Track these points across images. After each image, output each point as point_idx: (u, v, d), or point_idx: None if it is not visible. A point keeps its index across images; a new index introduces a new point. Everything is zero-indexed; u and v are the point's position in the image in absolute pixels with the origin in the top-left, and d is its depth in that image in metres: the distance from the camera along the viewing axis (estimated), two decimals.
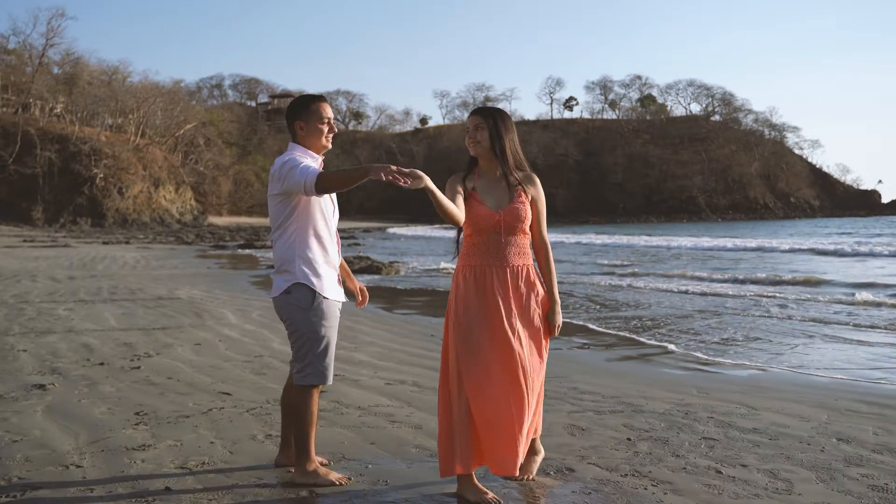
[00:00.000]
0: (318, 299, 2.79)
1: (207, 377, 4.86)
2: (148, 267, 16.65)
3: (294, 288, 2.79)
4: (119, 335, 6.63)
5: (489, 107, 2.88)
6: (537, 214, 2.82)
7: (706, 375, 5.09)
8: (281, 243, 2.83)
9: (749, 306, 9.25)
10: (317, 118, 2.86)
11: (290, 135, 2.94)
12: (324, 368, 2.82)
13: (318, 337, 2.79)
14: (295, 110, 2.88)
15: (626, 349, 6.22)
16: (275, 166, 2.79)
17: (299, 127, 2.88)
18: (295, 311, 2.79)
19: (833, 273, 14.05)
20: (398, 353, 5.92)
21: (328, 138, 2.93)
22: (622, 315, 8.55)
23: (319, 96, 2.93)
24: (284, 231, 2.81)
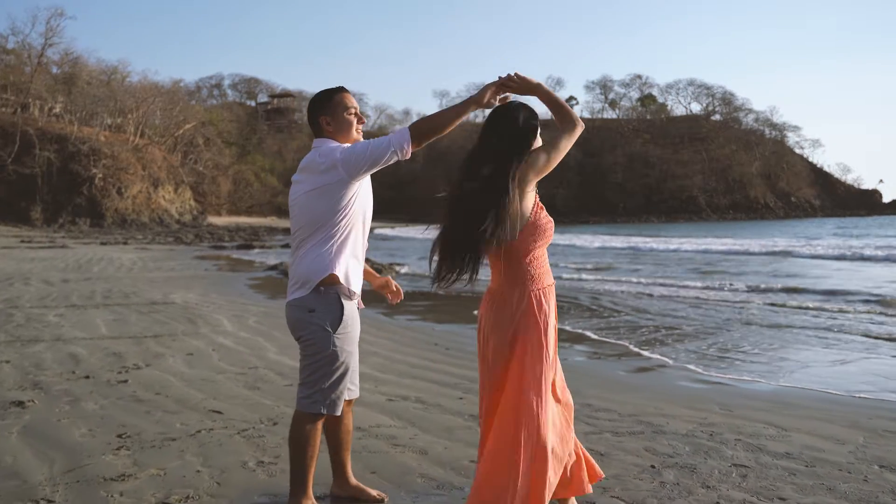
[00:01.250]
0: (346, 320, 2.50)
1: (198, 392, 4.57)
2: (144, 269, 16.36)
3: (322, 304, 2.47)
4: (108, 344, 6.35)
5: (505, 105, 2.55)
6: None
7: (726, 390, 4.81)
8: (315, 251, 2.48)
9: (761, 315, 8.97)
10: (342, 109, 2.60)
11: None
12: (336, 397, 2.53)
13: (339, 363, 2.50)
14: (317, 106, 2.61)
15: (637, 360, 5.93)
16: (315, 157, 2.47)
17: (325, 123, 2.59)
18: (318, 332, 2.47)
19: (850, 280, 13.76)
20: (400, 364, 5.64)
21: (358, 129, 2.65)
22: (625, 322, 8.27)
23: (339, 87, 2.65)
24: (324, 235, 2.47)
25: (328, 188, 2.46)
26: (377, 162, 2.42)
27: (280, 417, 3.96)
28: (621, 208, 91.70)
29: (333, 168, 2.44)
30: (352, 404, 2.75)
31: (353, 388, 2.67)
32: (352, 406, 2.76)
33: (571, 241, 32.01)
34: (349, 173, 2.44)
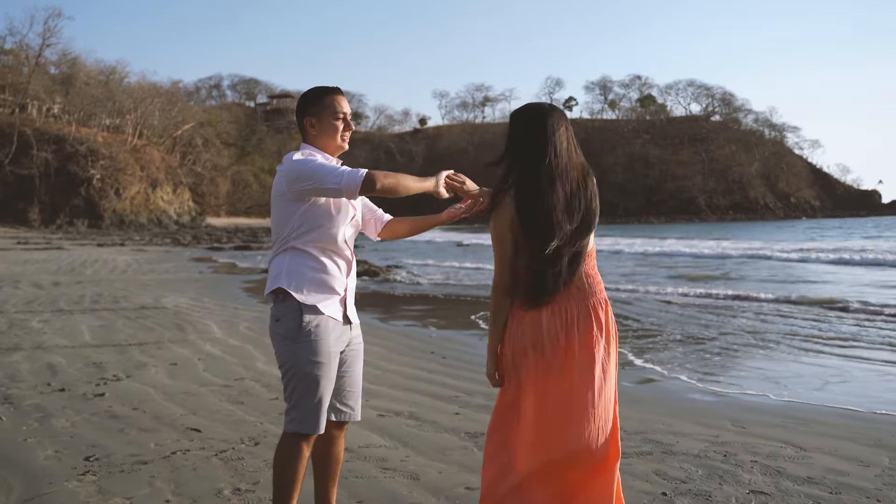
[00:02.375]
0: (307, 328, 2.27)
1: (178, 407, 4.31)
2: (138, 271, 16.11)
3: (281, 311, 2.30)
4: (90, 353, 6.08)
5: (524, 105, 2.30)
6: None
7: (736, 403, 4.55)
8: (277, 259, 2.35)
9: (754, 321, 8.71)
10: (330, 113, 2.39)
11: (299, 135, 2.51)
12: (311, 414, 2.29)
13: (308, 376, 2.26)
14: (305, 105, 2.42)
15: (638, 370, 5.67)
16: (288, 165, 2.30)
17: (310, 125, 2.40)
18: (282, 343, 2.29)
19: (857, 286, 13.51)
20: (393, 374, 5.38)
21: (344, 137, 2.44)
22: (620, 327, 8.02)
23: (333, 88, 2.44)
24: (288, 239, 2.32)
25: (278, 199, 2.34)
26: (321, 190, 2.25)
27: (262, 436, 3.70)
28: (621, 209, 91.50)
29: (280, 179, 2.32)
30: (344, 429, 2.49)
31: (345, 410, 2.44)
32: (344, 431, 2.50)
33: None
34: (290, 189, 2.29)
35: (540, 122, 2.16)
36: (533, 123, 2.17)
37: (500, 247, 2.15)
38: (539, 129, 2.15)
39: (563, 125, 2.19)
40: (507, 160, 2.19)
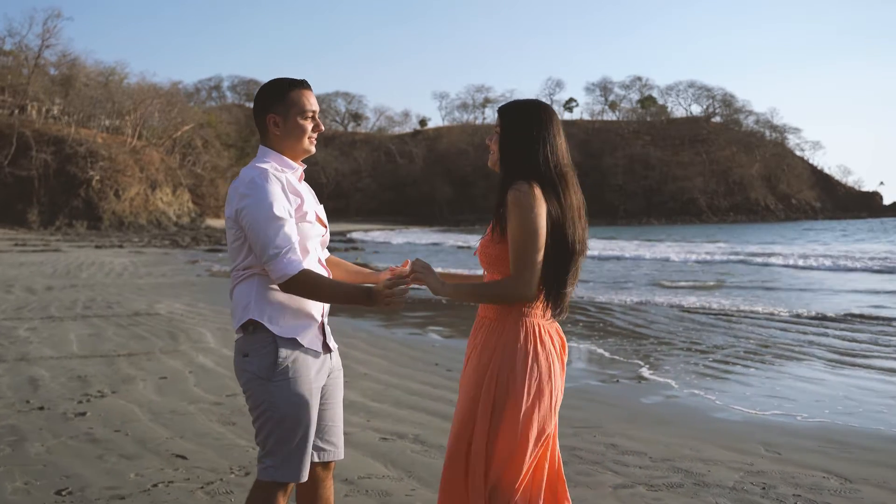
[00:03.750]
0: (284, 363, 1.95)
1: (163, 429, 3.99)
2: (134, 275, 15.80)
3: (251, 345, 1.97)
4: (76, 365, 5.77)
5: (515, 101, 2.05)
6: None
7: (766, 425, 4.22)
8: (241, 285, 2.02)
9: (781, 333, 8.39)
10: (298, 111, 2.06)
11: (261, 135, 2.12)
12: (293, 460, 1.97)
13: (287, 418, 1.94)
14: (268, 100, 2.08)
15: (658, 386, 5.35)
16: (242, 190, 1.97)
17: (273, 123, 2.06)
18: (253, 382, 1.96)
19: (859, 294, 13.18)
20: (396, 390, 5.06)
21: (312, 139, 2.11)
22: (632, 337, 7.70)
23: (300, 81, 2.10)
24: (253, 264, 2.00)
25: (231, 226, 2.03)
26: (251, 245, 1.97)
27: (253, 464, 3.38)
28: (621, 210, 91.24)
29: (235, 213, 1.99)
30: (331, 468, 2.18)
31: (328, 448, 2.13)
32: (331, 471, 2.19)
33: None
34: (237, 224, 2.00)
35: (549, 116, 2.02)
36: (541, 118, 2.01)
37: (533, 241, 1.89)
38: (550, 124, 2.01)
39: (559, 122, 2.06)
40: (511, 159, 2.00)
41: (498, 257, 1.95)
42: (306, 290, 1.95)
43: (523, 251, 1.88)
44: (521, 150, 1.97)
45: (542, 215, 1.90)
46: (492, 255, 1.97)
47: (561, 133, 2.01)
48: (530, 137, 1.96)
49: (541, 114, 1.99)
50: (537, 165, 1.95)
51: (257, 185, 1.95)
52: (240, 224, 1.98)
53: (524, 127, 1.97)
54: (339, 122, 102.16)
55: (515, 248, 1.89)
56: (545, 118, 1.99)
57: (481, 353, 1.96)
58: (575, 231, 1.97)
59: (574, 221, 1.97)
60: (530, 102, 2.02)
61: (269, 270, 1.94)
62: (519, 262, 1.88)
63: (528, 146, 1.96)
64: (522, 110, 2.00)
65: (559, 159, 1.98)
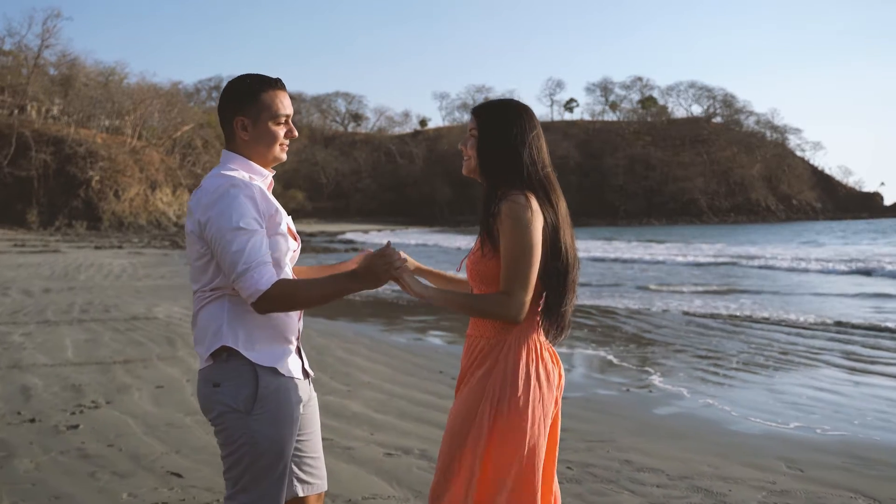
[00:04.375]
0: (264, 395, 1.77)
1: (159, 443, 3.83)
2: (133, 277, 15.65)
3: (223, 374, 1.77)
4: (71, 373, 5.61)
5: (490, 101, 1.89)
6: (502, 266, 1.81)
7: (785, 439, 4.06)
8: (209, 307, 1.81)
9: (783, 339, 8.23)
10: (269, 115, 1.86)
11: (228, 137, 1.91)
12: (277, 497, 1.81)
13: (265, 456, 1.76)
14: (236, 101, 1.87)
15: (670, 396, 5.19)
16: (206, 200, 1.77)
17: (240, 127, 1.86)
18: (227, 415, 1.76)
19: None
20: (400, 400, 4.90)
21: (284, 146, 1.92)
22: (639, 343, 7.55)
23: (274, 80, 1.90)
24: (223, 284, 1.79)
25: (194, 241, 1.82)
26: (217, 261, 1.77)
27: None
28: (622, 211, 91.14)
29: (198, 227, 1.79)
30: (321, 499, 2.02)
31: (313, 481, 1.96)
32: (322, 499, 2.02)
33: None
34: (202, 240, 1.79)
35: (528, 115, 1.87)
36: (521, 118, 1.86)
37: (530, 257, 1.75)
38: (531, 124, 1.86)
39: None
40: (493, 164, 1.84)
41: (490, 274, 1.80)
42: (284, 302, 1.73)
43: (518, 268, 1.74)
44: (503, 154, 1.81)
45: (539, 229, 1.77)
46: (483, 272, 1.81)
47: (542, 133, 1.87)
48: (512, 139, 1.81)
49: (521, 113, 1.84)
50: (523, 170, 1.80)
51: (223, 194, 1.74)
52: (204, 239, 1.77)
53: (504, 128, 1.82)
54: (339, 123, 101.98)
55: (510, 264, 1.74)
56: (525, 117, 1.84)
57: (480, 376, 1.80)
58: (570, 241, 1.85)
59: (567, 230, 1.85)
60: (507, 102, 1.88)
61: (238, 289, 1.73)
62: (513, 279, 1.74)
63: (511, 149, 1.81)
64: (500, 110, 1.85)
65: (544, 161, 1.85)
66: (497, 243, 1.77)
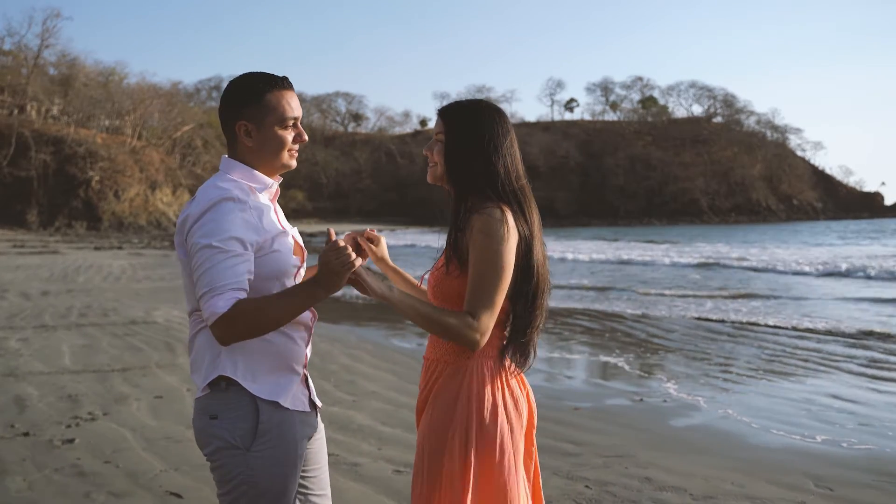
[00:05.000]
0: (266, 430, 1.60)
1: (158, 459, 3.68)
2: (133, 278, 15.51)
3: (221, 406, 1.60)
4: (67, 382, 5.45)
5: (459, 102, 1.73)
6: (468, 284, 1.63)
7: (809, 453, 3.90)
8: (206, 333, 1.63)
9: (811, 346, 8.07)
10: (276, 119, 1.67)
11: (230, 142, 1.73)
12: None
13: (270, 494, 1.60)
14: (239, 103, 1.68)
15: (686, 407, 5.03)
16: (191, 215, 1.59)
17: (244, 132, 1.68)
18: (224, 451, 1.59)
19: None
20: (406, 411, 4.74)
21: (293, 153, 1.74)
22: (654, 350, 7.39)
23: (279, 79, 1.70)
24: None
25: (185, 258, 1.65)
26: (195, 282, 1.57)
27: None
28: (623, 211, 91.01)
29: (185, 243, 1.61)
30: None
31: None
32: None
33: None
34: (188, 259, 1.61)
35: (501, 118, 1.70)
36: (494, 121, 1.69)
37: (500, 279, 1.58)
38: (504, 129, 1.70)
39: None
40: (462, 171, 1.67)
41: (454, 294, 1.62)
42: (247, 323, 1.50)
43: (487, 289, 1.57)
44: (473, 161, 1.65)
45: (514, 247, 1.60)
46: (447, 290, 1.65)
47: (515, 139, 1.71)
48: (484, 145, 1.65)
49: (493, 115, 1.68)
50: (496, 179, 1.64)
51: (212, 207, 1.56)
52: (188, 252, 1.61)
53: (475, 132, 1.65)
54: (339, 123, 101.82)
55: (478, 284, 1.57)
56: (499, 120, 1.68)
57: (443, 407, 1.63)
58: (542, 259, 1.68)
59: (539, 248, 1.69)
60: (478, 102, 1.71)
61: (203, 314, 1.54)
62: (480, 301, 1.56)
63: (482, 155, 1.64)
64: (471, 112, 1.68)
65: (518, 170, 1.69)
66: (465, 260, 1.61)
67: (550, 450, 3.83)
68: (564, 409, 4.75)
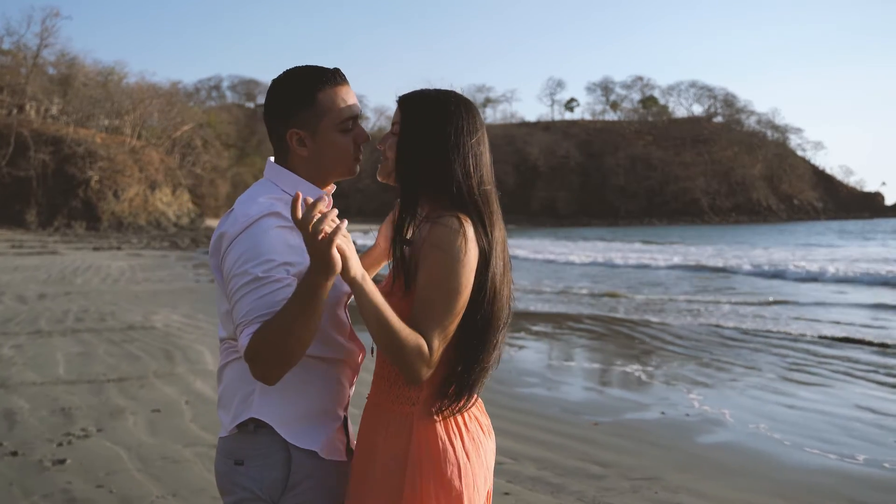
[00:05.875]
0: (298, 477, 1.38)
1: (153, 482, 3.43)
2: (132, 280, 15.27)
3: (249, 450, 1.38)
4: (60, 393, 5.21)
5: (421, 91, 1.46)
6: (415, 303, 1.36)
7: (850, 475, 3.66)
8: (239, 367, 1.40)
9: (833, 353, 7.84)
10: (332, 120, 1.43)
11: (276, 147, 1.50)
12: None
13: None
14: (285, 108, 1.43)
15: (706, 421, 4.79)
16: (227, 233, 1.37)
17: (296, 141, 1.44)
18: (249, 502, 1.37)
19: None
20: None
21: (358, 159, 1.50)
22: (669, 357, 7.16)
23: (331, 73, 1.46)
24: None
25: (220, 279, 1.41)
26: (231, 312, 1.34)
27: None
28: (623, 211, 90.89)
29: (221, 265, 1.38)
30: None
31: None
32: None
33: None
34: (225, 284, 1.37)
35: (470, 114, 1.44)
36: (460, 116, 1.42)
37: (453, 303, 1.32)
38: (472, 125, 1.43)
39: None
40: (416, 172, 1.40)
41: (401, 317, 1.32)
42: (272, 349, 1.25)
43: (438, 315, 1.31)
44: (429, 161, 1.37)
45: (472, 267, 1.33)
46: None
47: (486, 138, 1.43)
48: (443, 142, 1.38)
49: (460, 109, 1.41)
50: (455, 183, 1.37)
51: (253, 224, 1.34)
52: (223, 275, 1.39)
53: (435, 126, 1.39)
54: None
55: (427, 307, 1.31)
56: (465, 115, 1.41)
57: (389, 466, 1.37)
58: (504, 283, 1.39)
59: (500, 265, 1.39)
60: (445, 94, 1.44)
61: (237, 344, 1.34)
62: (429, 329, 1.29)
63: (440, 154, 1.38)
64: (434, 103, 1.42)
65: (484, 175, 1.40)
66: (412, 277, 1.35)
67: (574, 472, 3.59)
68: (583, 424, 4.51)
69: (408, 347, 1.28)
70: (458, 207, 1.37)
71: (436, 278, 1.31)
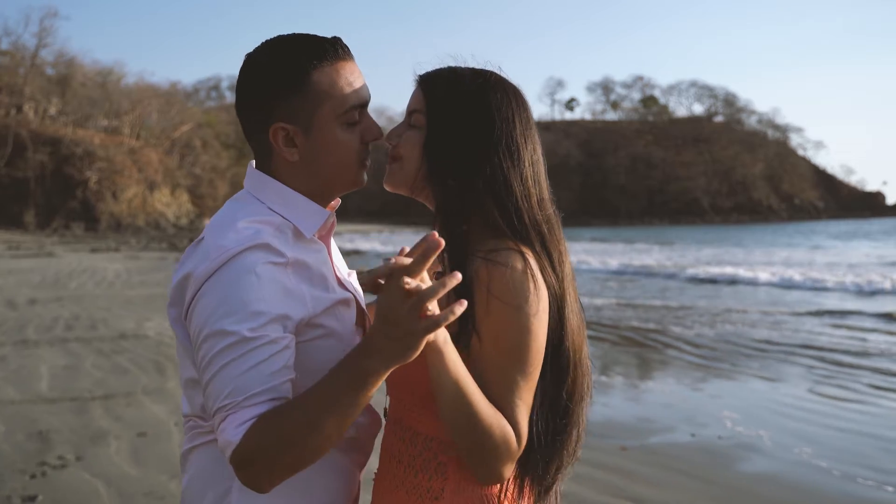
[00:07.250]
0: None
1: None
2: (127, 284, 14.90)
3: None
4: (40, 414, 4.83)
5: (452, 69, 1.13)
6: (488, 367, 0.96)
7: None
8: (208, 453, 1.02)
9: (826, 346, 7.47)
10: (332, 108, 1.03)
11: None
12: None
13: None
14: (265, 93, 1.04)
15: (745, 444, 4.42)
16: (196, 270, 0.96)
17: (283, 140, 1.03)
18: None
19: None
20: None
21: (364, 162, 1.09)
22: (687, 368, 6.79)
23: (329, 44, 1.07)
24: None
25: (181, 332, 1.00)
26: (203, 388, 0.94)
27: None
28: (623, 211, 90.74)
29: (184, 314, 0.97)
30: None
31: None
32: None
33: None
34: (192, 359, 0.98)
35: (521, 105, 1.09)
36: (513, 114, 1.06)
37: (537, 363, 0.95)
38: (525, 120, 1.07)
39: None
40: (449, 181, 1.01)
41: (414, 380, 0.99)
42: (290, 442, 0.88)
43: (517, 389, 0.94)
44: (476, 167, 1.00)
45: (545, 320, 0.97)
46: (415, 376, 0.97)
47: (538, 140, 1.08)
48: (497, 143, 1.00)
49: (508, 98, 1.06)
50: (512, 201, 1.00)
51: (228, 268, 0.93)
52: (189, 334, 0.98)
53: (482, 120, 1.02)
54: None
55: (501, 380, 0.93)
56: (517, 107, 1.06)
57: None
58: (583, 337, 1.06)
59: (575, 314, 1.05)
60: (484, 74, 1.08)
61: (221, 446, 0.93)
62: (512, 410, 0.93)
63: (491, 161, 1.00)
64: (473, 88, 1.06)
65: (543, 190, 1.05)
66: (468, 334, 0.95)
67: None
68: (610, 449, 4.13)
69: (494, 436, 0.91)
70: (514, 235, 0.98)
71: (505, 343, 0.92)
